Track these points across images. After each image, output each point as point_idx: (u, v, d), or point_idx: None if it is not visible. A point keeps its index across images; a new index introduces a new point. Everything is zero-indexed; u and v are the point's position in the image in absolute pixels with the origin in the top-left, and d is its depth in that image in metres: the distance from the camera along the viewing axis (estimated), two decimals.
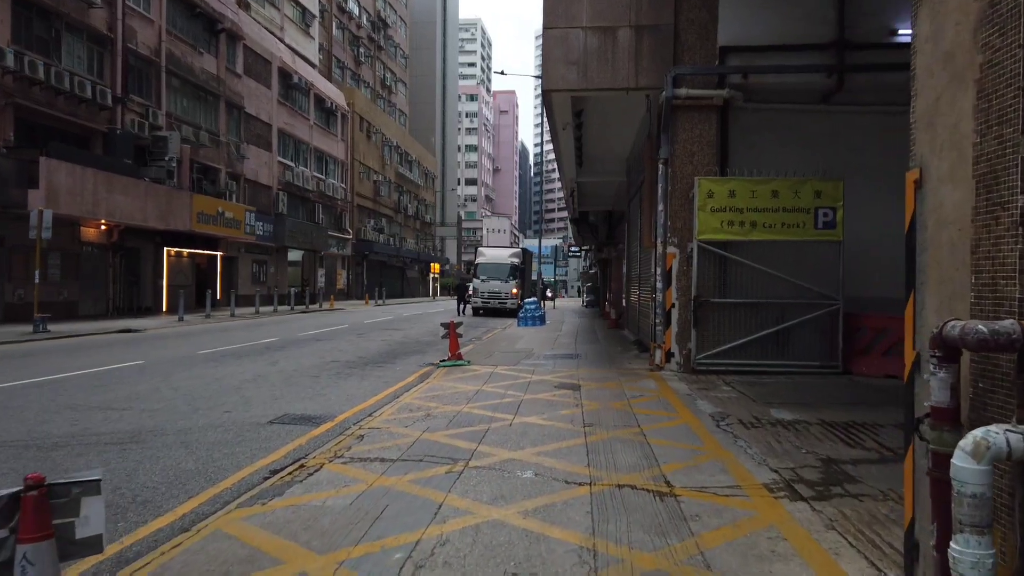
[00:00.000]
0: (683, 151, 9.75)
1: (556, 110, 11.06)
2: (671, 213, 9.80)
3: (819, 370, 9.49)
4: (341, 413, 7.39)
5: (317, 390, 8.80)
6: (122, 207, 21.56)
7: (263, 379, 9.60)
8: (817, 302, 9.53)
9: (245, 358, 11.98)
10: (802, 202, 9.42)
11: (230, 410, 7.38)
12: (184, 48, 26.81)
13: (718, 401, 7.58)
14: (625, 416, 6.84)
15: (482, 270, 29.78)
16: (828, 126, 10.11)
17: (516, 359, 11.66)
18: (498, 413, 7.07)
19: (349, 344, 14.89)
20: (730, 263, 9.68)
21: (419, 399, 7.98)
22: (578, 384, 8.93)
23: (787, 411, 6.92)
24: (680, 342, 9.74)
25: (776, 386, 8.59)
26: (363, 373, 10.45)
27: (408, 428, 6.41)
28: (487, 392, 8.40)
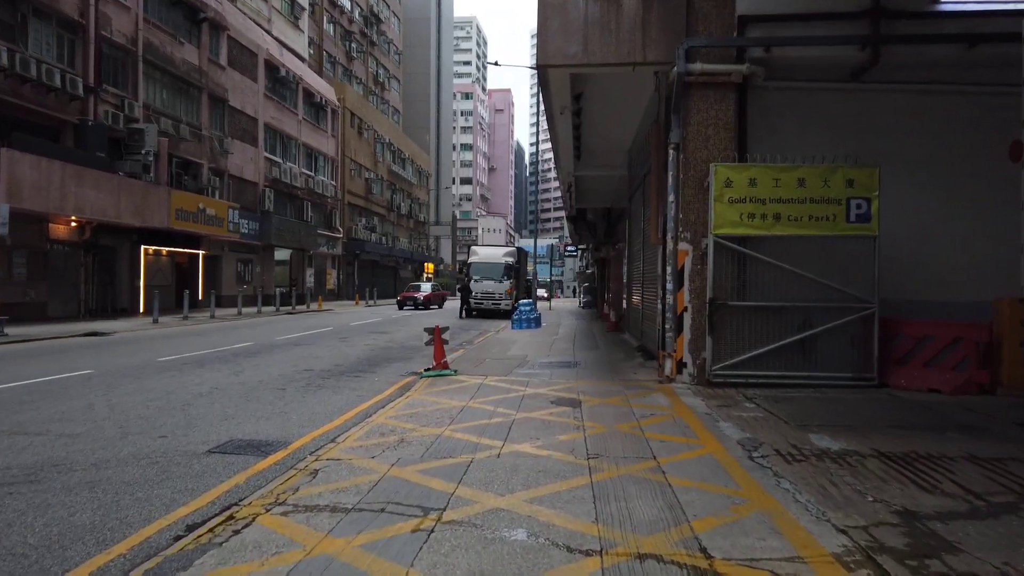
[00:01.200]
0: (697, 134, 8.63)
1: (553, 90, 9.93)
2: (683, 205, 8.68)
3: (851, 383, 8.37)
4: (299, 438, 6.24)
5: (279, 407, 7.64)
6: (93, 203, 20.33)
7: (220, 393, 8.43)
8: (848, 305, 8.42)
9: (208, 366, 10.81)
10: (832, 192, 8.31)
11: (167, 435, 6.22)
12: (163, 37, 25.58)
13: (744, 423, 6.45)
14: (636, 443, 5.71)
15: (475, 270, 28.61)
16: (858, 107, 9.01)
17: (508, 368, 10.52)
18: (485, 438, 5.94)
19: (328, 350, 13.73)
20: (750, 261, 8.56)
21: (394, 418, 6.84)
22: (578, 399, 7.80)
23: (829, 437, 5.80)
24: (693, 351, 8.62)
25: (806, 402, 7.47)
26: (337, 385, 9.30)
27: (375, 459, 5.27)
28: (474, 409, 7.26)
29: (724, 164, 8.43)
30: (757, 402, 7.50)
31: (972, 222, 8.90)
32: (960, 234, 8.95)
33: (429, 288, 35.35)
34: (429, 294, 34.25)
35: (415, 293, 33.93)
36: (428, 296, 33.96)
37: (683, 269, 8.70)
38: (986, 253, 8.76)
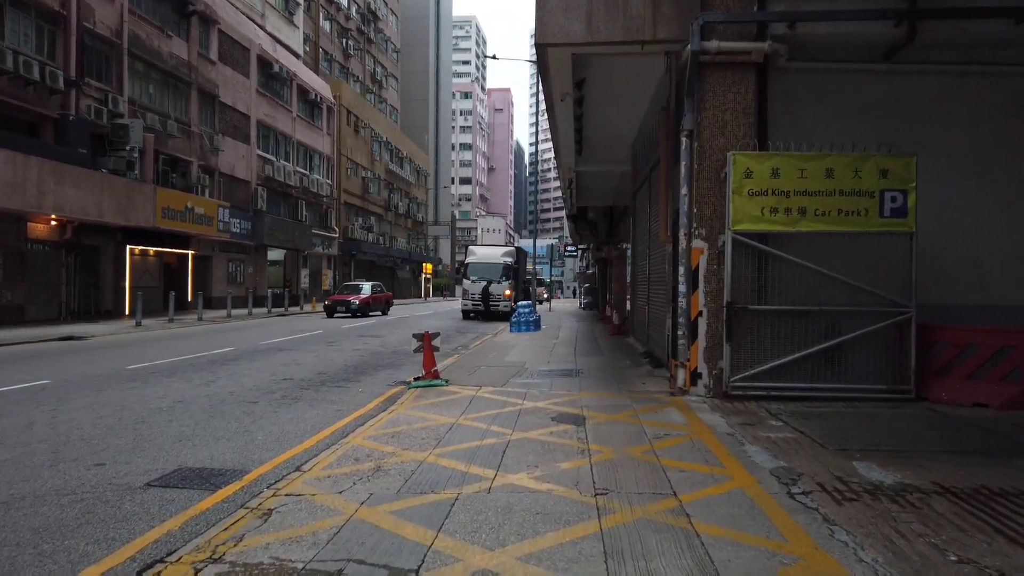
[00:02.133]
0: (712, 120, 7.79)
1: (553, 74, 9.08)
2: (697, 198, 7.83)
3: (885, 396, 7.53)
4: (260, 465, 5.39)
5: (245, 425, 6.80)
6: (73, 201, 19.48)
7: (182, 407, 7.58)
8: (881, 309, 7.58)
9: (179, 375, 9.96)
10: (864, 183, 7.47)
11: (105, 461, 5.37)
12: (150, 30, 24.74)
13: (774, 446, 5.60)
14: (651, 473, 4.86)
15: (472, 270, 27.73)
16: (890, 91, 8.16)
17: (505, 376, 9.68)
18: (474, 466, 5.09)
19: (313, 355, 12.88)
20: (771, 260, 7.72)
21: (373, 439, 6.00)
22: (582, 415, 6.95)
23: (878, 466, 4.95)
24: (709, 360, 7.77)
25: (839, 420, 6.62)
26: (315, 396, 8.45)
27: (342, 495, 4.44)
28: (464, 428, 6.42)
29: (743, 152, 7.59)
30: (784, 419, 6.65)
31: (1019, 216, 8.06)
32: (1005, 230, 8.11)
33: (368, 289, 28.21)
34: (367, 297, 27.41)
35: (348, 296, 26.87)
36: (366, 300, 27.13)
37: (697, 269, 7.86)
38: None
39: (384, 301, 29.53)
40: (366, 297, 27.23)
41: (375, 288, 28.85)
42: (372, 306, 27.51)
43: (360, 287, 28.43)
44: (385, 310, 29.61)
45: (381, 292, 29.50)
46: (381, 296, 29.12)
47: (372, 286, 28.73)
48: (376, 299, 28.24)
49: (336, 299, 26.71)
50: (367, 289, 28.13)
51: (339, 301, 26.46)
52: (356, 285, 28.95)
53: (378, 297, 28.57)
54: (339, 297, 26.98)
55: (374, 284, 29.39)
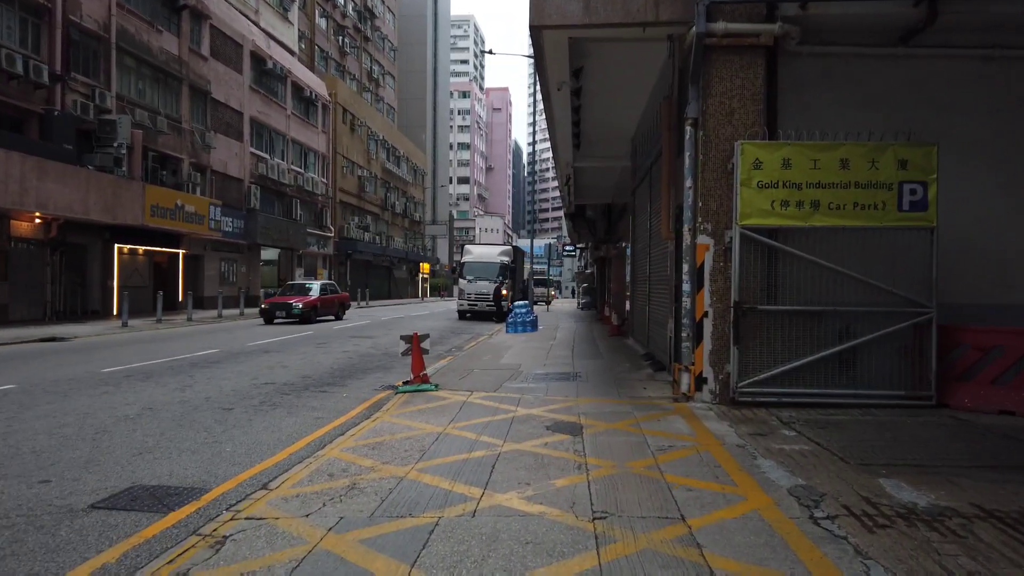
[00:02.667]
0: (719, 108, 7.29)
1: (549, 60, 8.58)
2: (703, 191, 7.33)
3: (904, 402, 7.03)
4: (224, 481, 4.89)
5: (214, 435, 6.29)
6: (57, 197, 18.95)
7: (150, 415, 7.07)
8: (899, 310, 7.08)
9: (154, 379, 9.45)
10: (882, 175, 6.97)
11: (51, 478, 4.86)
12: (139, 24, 24.20)
13: (789, 460, 5.11)
14: (656, 492, 4.36)
15: (469, 269, 27.21)
16: (907, 77, 7.67)
17: (498, 381, 9.17)
18: (460, 483, 4.60)
19: (300, 358, 12.37)
20: (782, 257, 7.22)
21: (352, 450, 5.50)
22: (579, 423, 6.46)
23: (908, 485, 4.45)
24: (715, 363, 7.27)
25: (857, 429, 6.12)
26: (296, 402, 7.94)
27: (309, 519, 3.94)
28: (452, 438, 5.92)
29: (752, 142, 7.09)
30: (797, 428, 6.15)
31: None
32: None
33: (317, 289, 23.72)
34: (314, 299, 22.77)
35: (290, 298, 22.39)
36: (312, 303, 22.52)
37: (703, 267, 7.36)
38: None
39: (338, 303, 25.16)
40: (312, 300, 22.71)
41: (326, 288, 24.57)
42: (321, 310, 23.28)
43: (308, 287, 24.05)
44: (339, 314, 25.15)
45: (334, 293, 25.24)
46: (333, 298, 24.80)
47: (322, 286, 24.40)
48: (327, 302, 24.00)
49: (275, 302, 22.28)
50: (315, 289, 23.66)
51: (278, 305, 22.04)
52: (302, 285, 24.56)
53: (330, 299, 24.34)
54: (279, 300, 22.50)
55: (325, 284, 25.11)
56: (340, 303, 25.44)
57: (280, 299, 22.49)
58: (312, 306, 22.38)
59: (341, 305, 25.58)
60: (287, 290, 24.13)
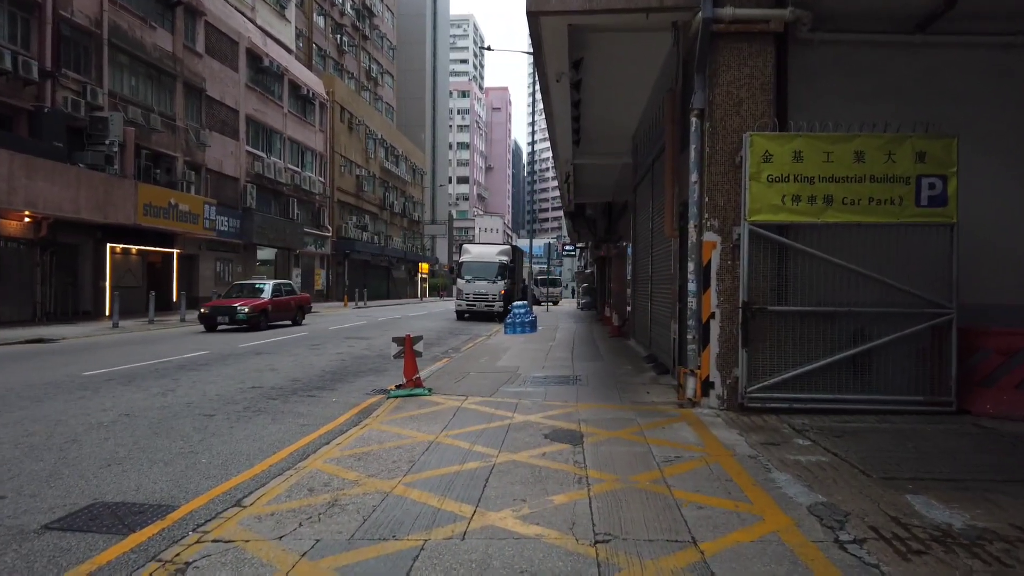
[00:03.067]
0: (726, 98, 6.92)
1: (548, 49, 8.20)
2: (709, 186, 6.96)
3: (923, 409, 6.66)
4: (195, 496, 4.51)
5: (192, 444, 5.91)
6: (46, 196, 18.57)
7: (127, 422, 6.70)
8: (916, 311, 6.71)
9: (137, 383, 9.07)
10: (899, 168, 6.60)
11: (8, 493, 4.48)
12: (132, 20, 23.82)
13: (806, 472, 4.73)
14: (663, 511, 3.99)
15: (467, 269, 26.82)
16: (924, 67, 7.30)
17: (495, 384, 8.80)
18: (450, 499, 4.23)
19: (291, 360, 11.99)
20: (793, 255, 6.85)
21: (337, 461, 5.14)
22: (579, 431, 6.09)
23: (938, 501, 4.09)
24: (722, 367, 6.90)
25: (876, 438, 5.75)
26: (282, 408, 7.57)
27: (282, 541, 3.57)
28: (444, 447, 5.55)
29: (761, 134, 6.72)
30: (811, 437, 5.78)
31: None
32: None
33: (269, 290, 20.29)
34: (263, 302, 19.39)
35: (235, 301, 19.03)
36: (261, 306, 19.13)
37: (709, 266, 6.98)
38: None
39: (295, 306, 21.70)
40: (261, 303, 19.24)
41: (280, 289, 21.10)
42: (274, 314, 20.02)
43: (258, 288, 20.48)
44: (297, 318, 21.79)
45: (290, 294, 21.94)
46: (289, 300, 21.36)
47: (275, 286, 20.93)
48: (281, 304, 20.61)
49: (216, 306, 18.75)
50: (267, 290, 20.23)
51: (220, 309, 18.49)
52: (252, 285, 20.95)
53: (283, 302, 20.86)
54: (221, 303, 19.07)
55: (279, 283, 21.66)
56: (298, 306, 22.03)
57: (223, 302, 19.22)
58: (260, 309, 19.00)
59: (300, 308, 22.09)
60: (234, 291, 20.66)
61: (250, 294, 20.02)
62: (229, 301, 19.11)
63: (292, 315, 21.53)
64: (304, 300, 22.77)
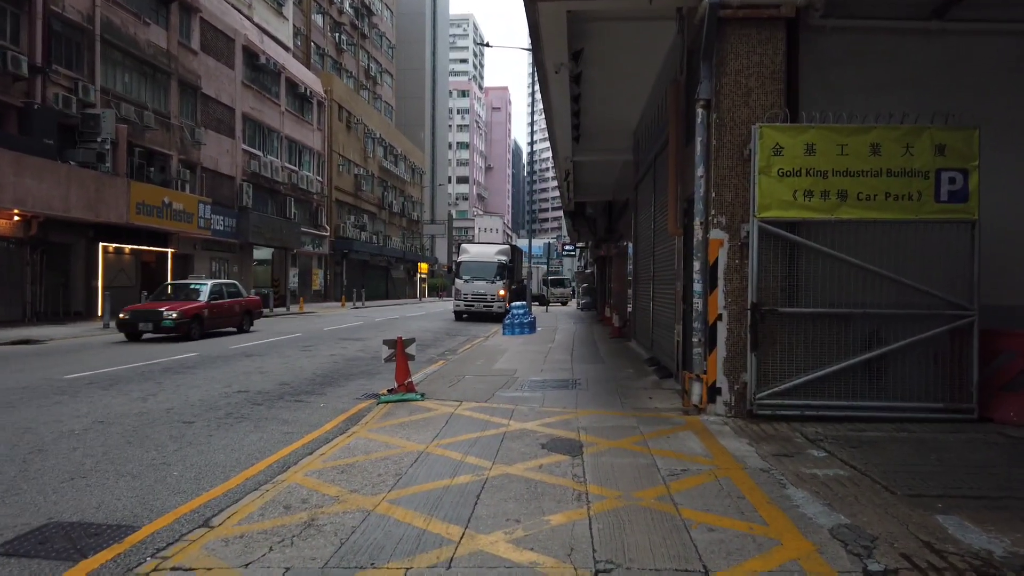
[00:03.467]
0: (734, 88, 6.55)
1: (546, 38, 7.83)
2: (716, 180, 6.60)
3: (942, 416, 6.30)
4: (161, 514, 4.15)
5: (165, 454, 5.55)
6: (35, 194, 18.19)
7: (100, 429, 6.33)
8: (935, 312, 6.35)
9: (117, 387, 8.70)
10: (917, 162, 6.24)
11: None
12: (125, 16, 23.45)
13: (824, 488, 4.37)
14: (671, 533, 3.63)
15: (465, 269, 26.45)
16: (942, 55, 6.95)
17: (491, 389, 8.44)
18: (436, 520, 3.86)
19: (282, 362, 11.62)
20: (805, 254, 6.49)
21: (318, 474, 4.78)
22: (578, 441, 5.72)
23: (972, 523, 3.72)
24: (730, 372, 6.54)
25: (895, 448, 5.39)
26: (266, 415, 7.20)
27: (248, 570, 3.22)
28: (434, 458, 5.19)
29: (771, 125, 6.36)
30: (827, 448, 5.41)
31: None
32: None
33: (207, 293, 16.82)
34: (197, 307, 16.02)
35: (162, 304, 15.73)
36: (194, 310, 15.82)
37: (716, 265, 6.62)
38: None
39: (241, 311, 18.33)
40: (194, 307, 15.92)
41: (220, 291, 17.59)
42: (211, 320, 16.68)
43: (194, 289, 17.11)
44: (244, 325, 18.56)
45: (235, 296, 18.37)
46: (232, 304, 17.90)
47: (216, 288, 17.40)
48: (221, 309, 17.23)
49: (138, 311, 15.53)
50: (204, 292, 16.82)
51: (143, 314, 15.33)
52: (187, 285, 17.55)
53: (225, 306, 17.44)
54: (145, 307, 15.83)
55: (221, 284, 18.05)
56: (246, 310, 18.59)
57: (148, 306, 15.86)
58: (193, 315, 15.69)
59: (248, 313, 18.78)
60: (165, 293, 17.27)
61: (185, 296, 16.84)
62: (154, 305, 15.93)
63: (237, 321, 18.23)
64: (253, 304, 19.53)
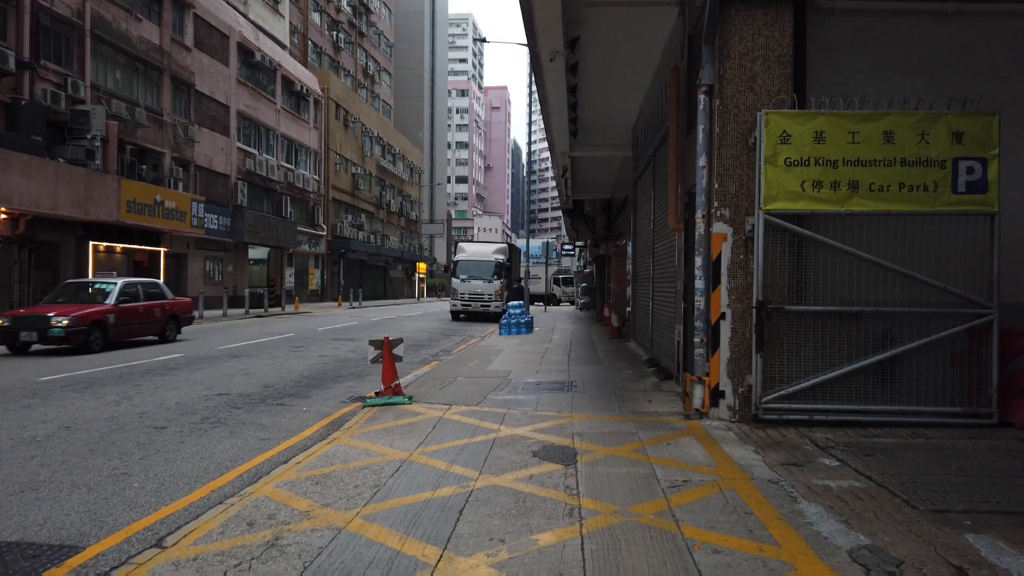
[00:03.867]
0: (739, 72, 6.18)
1: (541, 25, 7.46)
2: (719, 170, 6.23)
3: (959, 420, 5.93)
4: (111, 532, 3.78)
5: (129, 463, 5.17)
6: (22, 191, 17.81)
7: (65, 435, 5.96)
8: (951, 311, 5.99)
9: (94, 389, 8.33)
10: (933, 150, 5.87)
11: None
12: (116, 11, 23.06)
13: (839, 503, 4.00)
14: (673, 557, 3.26)
15: (462, 268, 26.06)
16: (957, 39, 6.57)
17: (483, 391, 8.06)
18: (412, 539, 3.49)
19: (269, 363, 11.25)
20: (813, 248, 6.12)
21: (290, 486, 4.40)
22: (573, 448, 5.35)
23: (1008, 544, 3.35)
24: (734, 374, 6.16)
25: (912, 457, 5.01)
26: (245, 419, 6.83)
27: None
28: (416, 468, 4.81)
29: (778, 112, 5.98)
30: (839, 456, 5.04)
31: None
32: None
33: (115, 294, 13.59)
34: (97, 312, 12.95)
35: (52, 308, 12.72)
36: (93, 317, 12.76)
37: (719, 260, 6.25)
38: None
39: (162, 316, 14.74)
40: (95, 311, 12.83)
41: (135, 292, 14.10)
42: (118, 328, 13.39)
43: (100, 289, 13.82)
44: (167, 333, 14.93)
45: (155, 298, 14.75)
46: (151, 308, 14.40)
47: (127, 287, 13.97)
48: (134, 314, 13.83)
49: (20, 316, 12.51)
50: (113, 294, 13.48)
51: (25, 320, 12.32)
52: (91, 285, 14.31)
53: (140, 310, 14.02)
54: (33, 311, 12.71)
55: (134, 283, 14.38)
56: (170, 315, 15.03)
57: (34, 310, 12.78)
58: (92, 322, 12.59)
59: (172, 319, 15.20)
60: (63, 294, 13.93)
61: (88, 298, 13.61)
62: (42, 309, 12.78)
63: (159, 328, 14.68)
64: (180, 307, 15.80)
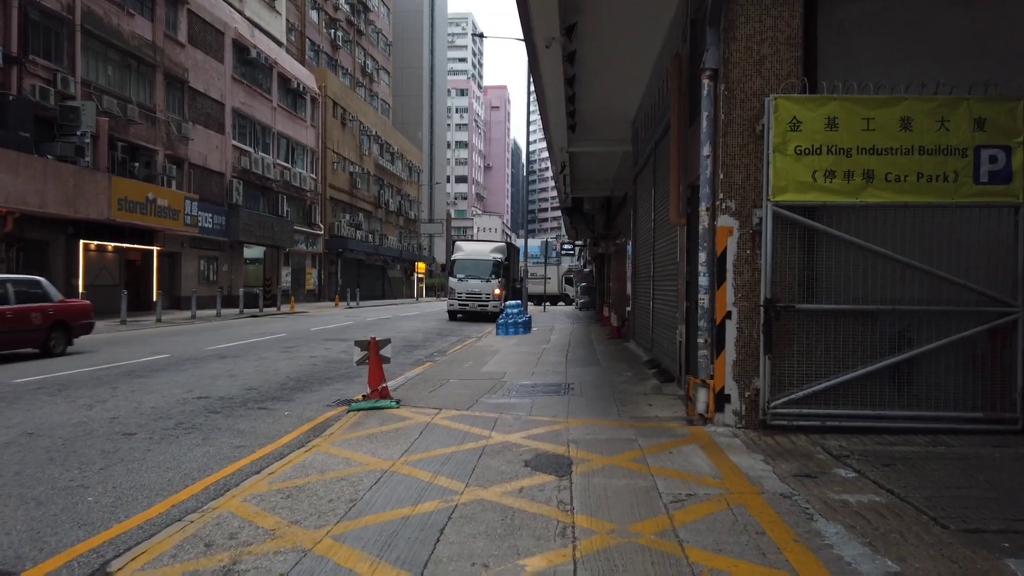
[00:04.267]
0: (745, 55, 5.80)
1: (536, 9, 7.08)
2: (725, 160, 5.85)
3: (981, 427, 5.55)
4: (51, 556, 3.41)
5: (88, 473, 4.79)
6: (9, 188, 17.42)
7: (26, 442, 5.58)
8: (973, 310, 5.61)
9: (68, 392, 7.94)
10: (953, 138, 5.50)
11: None
12: (108, 7, 22.67)
13: (860, 520, 3.62)
14: None
15: (460, 267, 25.66)
16: (974, 22, 6.19)
17: (475, 394, 7.68)
18: (385, 564, 3.12)
19: (255, 364, 10.86)
20: (825, 243, 5.74)
21: (259, 500, 4.03)
22: (568, 457, 4.97)
23: None
24: (741, 377, 5.78)
25: (935, 467, 4.63)
26: (221, 424, 6.45)
27: None
28: (398, 480, 4.44)
29: (788, 97, 5.60)
30: (855, 466, 4.66)
31: None
32: None
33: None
34: None
35: None
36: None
37: (724, 256, 5.87)
38: None
39: (45, 324, 11.61)
40: None
41: (4, 293, 11.01)
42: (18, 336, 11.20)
43: None
44: (51, 343, 11.80)
45: (36, 300, 11.66)
46: (27, 312, 11.31)
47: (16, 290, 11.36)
48: (17, 318, 11.10)
49: None
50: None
51: None
52: None
53: (17, 316, 11.10)
54: None
55: (7, 282, 11.30)
56: (55, 322, 11.89)
57: None
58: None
59: (60, 326, 12.07)
60: None
61: None
62: None
63: (40, 338, 11.63)
64: (73, 312, 12.62)
